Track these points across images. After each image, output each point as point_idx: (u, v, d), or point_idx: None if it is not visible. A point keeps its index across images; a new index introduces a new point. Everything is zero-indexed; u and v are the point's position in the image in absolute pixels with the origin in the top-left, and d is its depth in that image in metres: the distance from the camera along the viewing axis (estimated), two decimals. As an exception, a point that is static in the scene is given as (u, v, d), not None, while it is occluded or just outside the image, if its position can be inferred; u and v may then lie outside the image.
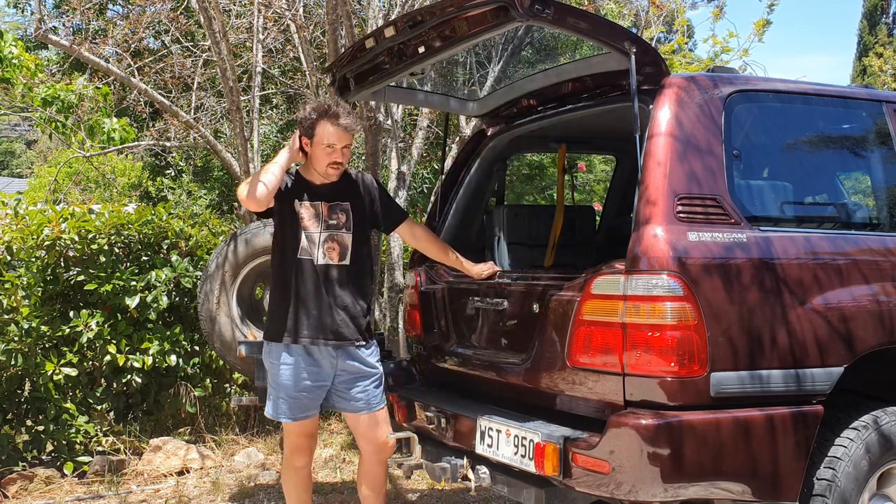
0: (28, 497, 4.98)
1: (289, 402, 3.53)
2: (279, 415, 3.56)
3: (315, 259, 3.50)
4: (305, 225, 3.50)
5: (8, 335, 5.20)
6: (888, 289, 3.16)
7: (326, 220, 3.54)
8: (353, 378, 3.57)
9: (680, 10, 8.32)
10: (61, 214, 5.56)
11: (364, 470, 3.72)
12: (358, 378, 3.58)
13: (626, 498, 2.77)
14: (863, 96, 3.59)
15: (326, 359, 3.52)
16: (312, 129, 3.46)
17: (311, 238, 3.50)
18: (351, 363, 3.56)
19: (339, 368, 3.55)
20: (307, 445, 3.68)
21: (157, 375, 5.65)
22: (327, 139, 3.45)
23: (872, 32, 23.47)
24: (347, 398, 3.59)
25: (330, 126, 3.44)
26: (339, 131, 3.46)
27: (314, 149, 3.49)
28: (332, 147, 3.47)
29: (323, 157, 3.49)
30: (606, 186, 7.25)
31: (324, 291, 3.49)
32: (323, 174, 3.54)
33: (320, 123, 3.45)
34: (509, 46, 4.26)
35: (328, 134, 3.45)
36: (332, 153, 3.48)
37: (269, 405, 3.60)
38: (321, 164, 3.51)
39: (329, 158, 3.48)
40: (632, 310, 2.82)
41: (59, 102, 6.42)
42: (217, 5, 5.76)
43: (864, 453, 3.01)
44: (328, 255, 3.52)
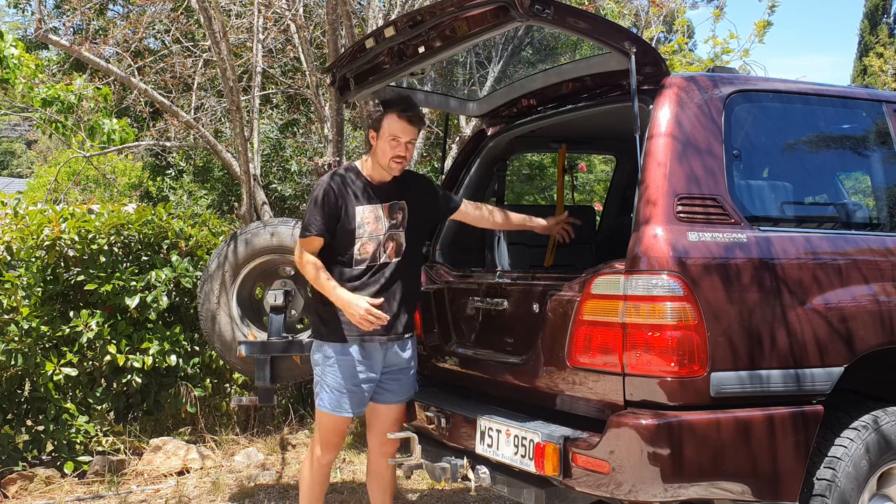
0: (28, 497, 4.98)
1: (346, 397, 3.55)
2: (336, 409, 3.56)
3: (378, 259, 3.57)
4: (370, 228, 3.55)
5: (8, 335, 5.20)
6: (888, 289, 3.16)
7: (388, 221, 3.60)
8: (397, 370, 3.67)
9: (680, 11, 8.32)
10: (61, 214, 5.57)
11: (373, 468, 3.81)
12: (401, 371, 3.68)
13: (626, 498, 2.77)
14: (863, 96, 3.59)
15: (378, 352, 3.59)
16: (379, 121, 3.51)
17: (374, 239, 3.56)
18: (396, 355, 3.65)
19: (385, 362, 3.63)
20: (339, 442, 3.74)
21: (157, 375, 5.65)
22: (393, 130, 3.49)
23: (873, 32, 23.47)
24: (392, 389, 3.68)
25: (396, 118, 3.48)
26: (404, 124, 3.49)
27: (379, 141, 3.53)
28: (396, 140, 3.50)
29: (388, 149, 3.51)
30: (606, 186, 7.25)
31: (380, 289, 3.56)
32: (386, 168, 3.57)
33: (387, 116, 3.49)
34: (509, 46, 4.26)
35: (394, 126, 3.49)
36: (397, 147, 3.51)
37: (326, 400, 3.57)
38: (385, 157, 3.53)
39: (393, 152, 3.51)
40: (632, 310, 2.82)
41: (59, 103, 6.42)
42: (217, 5, 5.76)
43: (864, 453, 3.01)
44: (387, 254, 3.60)
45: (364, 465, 5.50)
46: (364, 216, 3.54)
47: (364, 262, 3.55)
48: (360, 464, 5.53)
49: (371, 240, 3.55)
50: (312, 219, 3.53)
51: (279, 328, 4.50)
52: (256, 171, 6.82)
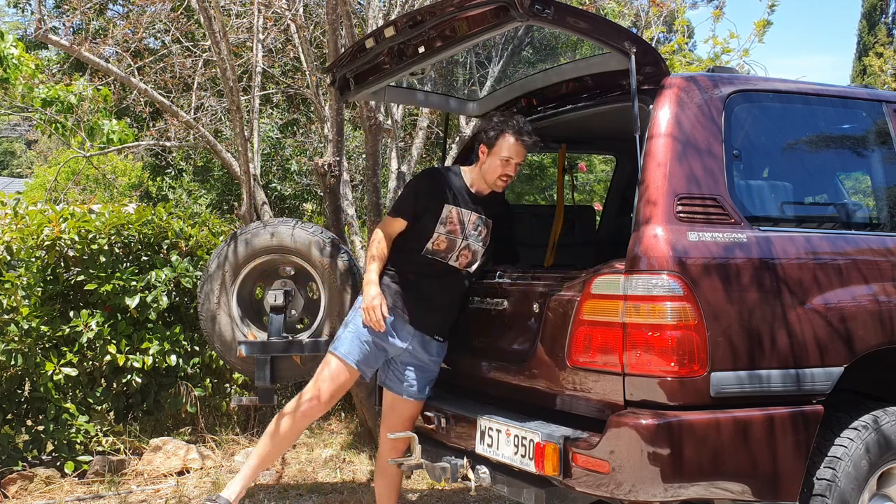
0: (28, 497, 4.98)
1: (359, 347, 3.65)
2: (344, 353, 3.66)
3: (447, 260, 3.66)
4: (450, 228, 3.64)
5: (8, 335, 5.20)
6: (888, 289, 3.16)
7: (471, 231, 3.68)
8: (418, 367, 3.74)
9: (680, 10, 8.32)
10: (61, 214, 5.56)
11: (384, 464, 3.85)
12: (421, 368, 3.75)
13: (626, 498, 2.77)
14: (863, 96, 3.59)
15: (404, 332, 3.68)
16: (495, 140, 3.58)
17: (452, 242, 3.65)
18: (420, 352, 3.72)
19: (408, 348, 3.69)
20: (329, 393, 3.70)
21: (157, 375, 5.65)
22: (507, 151, 3.57)
23: (872, 32, 23.46)
24: (397, 377, 3.75)
25: (512, 140, 3.56)
26: (519, 147, 3.58)
27: (490, 158, 3.61)
28: (508, 161, 3.58)
29: (497, 167, 3.60)
30: (606, 186, 7.25)
31: (431, 286, 3.67)
32: (491, 184, 3.67)
33: (504, 136, 3.57)
34: (509, 46, 4.26)
35: (508, 147, 3.57)
36: (506, 166, 3.60)
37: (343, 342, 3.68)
38: (492, 174, 3.62)
39: (502, 171, 3.61)
40: (632, 310, 2.82)
41: (58, 103, 6.42)
42: (217, 5, 5.75)
43: (864, 453, 3.01)
44: (459, 261, 3.68)
45: (364, 465, 5.50)
46: (449, 215, 3.64)
47: (432, 255, 3.65)
48: (360, 464, 5.53)
49: (447, 240, 3.64)
50: (404, 202, 3.70)
51: (279, 328, 4.49)
52: (256, 170, 6.82)
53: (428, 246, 3.64)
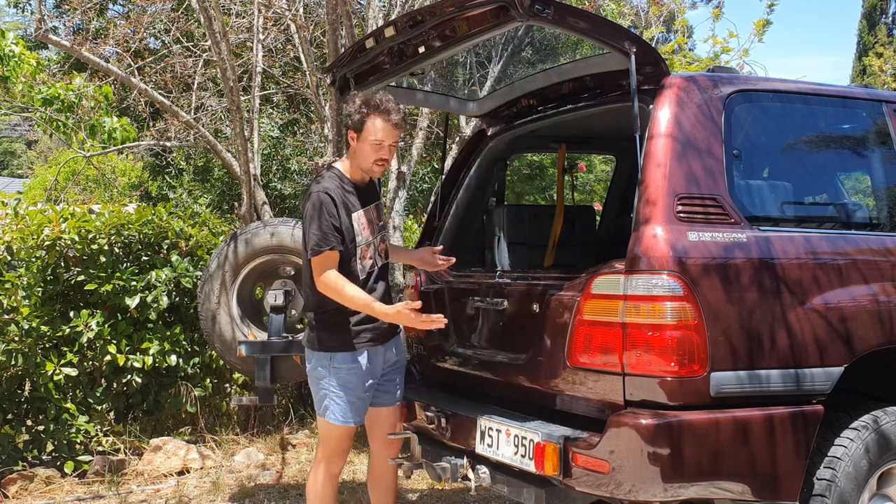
0: (28, 497, 4.98)
1: (356, 405, 3.47)
2: (347, 420, 3.45)
3: (376, 263, 3.54)
4: (366, 233, 3.49)
5: (8, 335, 5.20)
6: (888, 289, 3.16)
7: (377, 223, 3.56)
8: (394, 369, 3.66)
9: (680, 10, 8.32)
10: (61, 214, 5.57)
11: (378, 472, 3.76)
12: (396, 368, 3.68)
13: (626, 498, 2.77)
14: (863, 96, 3.59)
15: (379, 356, 3.55)
16: (362, 123, 3.39)
17: (371, 245, 3.51)
18: (392, 353, 3.64)
19: (385, 363, 3.60)
20: (348, 448, 3.62)
21: (157, 375, 5.65)
22: (375, 135, 3.38)
23: (872, 32, 23.45)
24: (388, 390, 3.65)
25: (380, 121, 3.38)
26: (389, 127, 3.39)
27: (361, 144, 3.42)
28: (380, 143, 3.40)
29: (370, 153, 3.41)
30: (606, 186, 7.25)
31: (383, 292, 3.55)
32: (368, 170, 3.48)
33: (370, 118, 3.37)
34: (509, 46, 4.26)
35: (377, 129, 3.38)
36: (380, 150, 3.41)
37: (336, 411, 3.45)
38: (367, 160, 3.43)
39: (376, 155, 3.42)
40: (632, 310, 2.82)
41: (59, 102, 6.41)
42: (217, 5, 5.75)
43: (864, 453, 3.01)
44: (381, 256, 3.58)
45: (364, 465, 5.49)
46: (361, 222, 3.47)
47: (365, 270, 3.49)
48: (361, 464, 5.53)
49: (368, 245, 3.50)
50: (326, 231, 3.32)
51: (279, 328, 4.50)
52: (256, 170, 6.82)
53: (358, 264, 3.46)
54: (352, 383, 3.46)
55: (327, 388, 3.47)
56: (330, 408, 3.47)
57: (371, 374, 3.52)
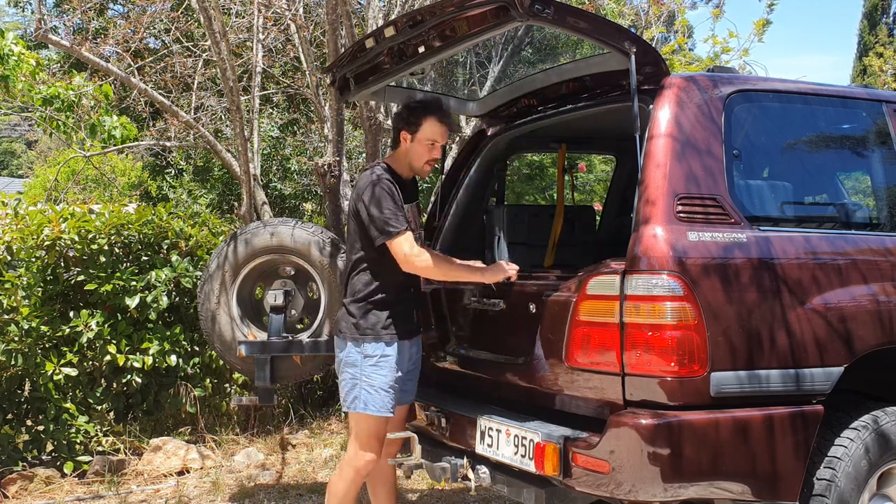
0: (28, 497, 4.98)
1: (388, 396, 3.44)
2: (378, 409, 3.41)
3: None
4: (413, 226, 3.50)
5: (8, 335, 5.20)
6: (888, 289, 3.16)
7: (417, 221, 3.61)
8: (414, 367, 3.66)
9: (681, 11, 8.32)
10: (61, 214, 5.57)
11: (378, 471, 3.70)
12: (416, 367, 3.68)
13: (626, 498, 2.77)
14: (863, 96, 3.59)
15: (406, 350, 3.55)
16: (418, 123, 3.43)
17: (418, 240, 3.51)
18: (415, 352, 3.65)
19: (409, 359, 3.60)
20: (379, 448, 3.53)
21: (157, 375, 5.65)
22: (432, 136, 3.44)
23: (873, 32, 23.46)
24: (407, 388, 3.63)
25: (437, 123, 3.44)
26: (444, 129, 3.46)
27: (415, 144, 3.46)
28: (434, 144, 3.46)
29: (424, 153, 3.47)
30: (606, 186, 7.25)
31: (412, 290, 3.58)
32: (419, 170, 3.54)
33: (428, 119, 3.43)
34: (509, 46, 4.26)
35: (433, 131, 3.44)
36: (433, 150, 3.47)
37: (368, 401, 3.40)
38: (420, 159, 3.48)
39: (429, 155, 3.48)
40: (632, 309, 2.82)
41: (59, 102, 6.41)
42: (217, 5, 5.76)
43: (864, 453, 3.01)
44: None
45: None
46: (409, 214, 3.52)
47: None
48: (360, 464, 5.53)
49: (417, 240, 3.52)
50: (396, 213, 3.33)
51: (279, 328, 4.49)
52: (256, 170, 6.82)
53: None
54: (388, 372, 3.44)
55: (361, 376, 3.43)
56: (362, 397, 3.42)
57: (401, 365, 3.52)
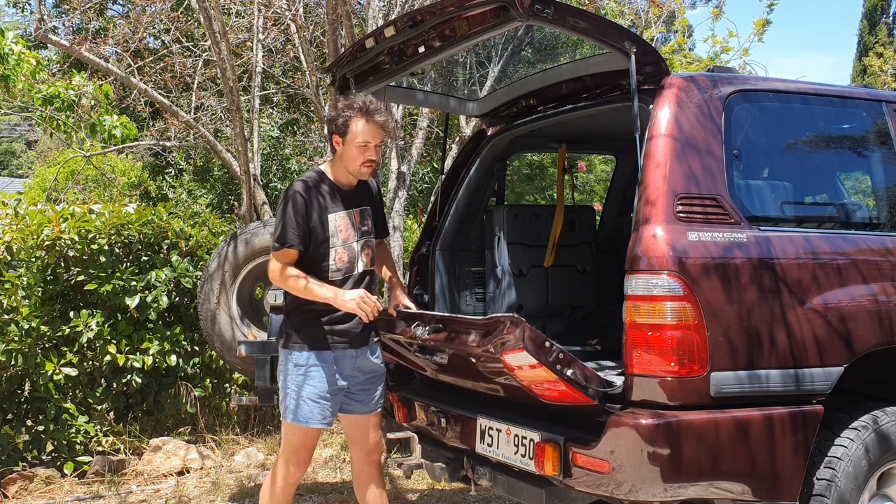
0: (28, 497, 4.98)
1: (318, 407, 3.40)
2: (307, 421, 3.40)
3: (356, 268, 3.47)
4: (344, 236, 3.44)
5: (8, 335, 5.20)
6: (888, 289, 3.16)
7: (360, 228, 3.51)
8: (369, 378, 3.56)
9: (680, 11, 8.33)
10: (61, 214, 5.56)
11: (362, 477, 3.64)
12: (373, 378, 3.58)
13: (626, 498, 2.77)
14: (863, 96, 3.59)
15: (348, 361, 3.48)
16: (346, 126, 3.37)
17: (350, 248, 3.46)
18: (368, 361, 3.54)
19: (356, 369, 3.51)
20: (308, 459, 3.56)
21: (157, 375, 5.65)
22: (362, 136, 3.37)
23: (872, 32, 23.48)
24: (362, 399, 3.56)
25: (364, 123, 3.37)
26: (374, 128, 3.38)
27: (347, 147, 3.40)
28: (366, 145, 3.39)
29: (357, 155, 3.40)
30: (606, 186, 7.26)
31: None
32: (356, 173, 3.47)
33: (354, 120, 3.37)
34: (509, 46, 4.26)
35: (362, 131, 3.37)
36: (366, 151, 3.40)
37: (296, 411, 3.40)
38: (355, 162, 3.42)
39: (363, 157, 3.41)
40: (632, 310, 2.82)
41: (59, 101, 6.41)
42: (217, 5, 5.76)
43: (864, 453, 3.01)
44: (365, 263, 3.51)
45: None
46: (337, 224, 3.43)
47: (341, 273, 3.44)
48: (360, 464, 5.53)
49: (346, 249, 3.45)
50: (288, 230, 3.34)
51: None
52: (256, 170, 6.82)
53: (332, 266, 3.42)
54: (319, 383, 3.40)
55: (292, 386, 3.43)
56: (289, 407, 3.43)
57: (341, 376, 3.45)
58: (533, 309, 4.41)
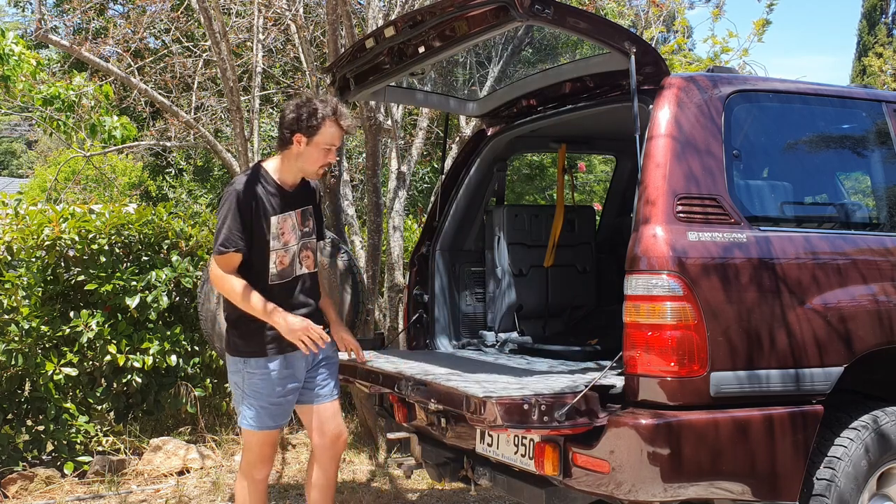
0: (28, 497, 4.98)
1: (270, 411, 3.37)
2: (262, 425, 3.38)
3: (295, 271, 3.39)
4: (285, 238, 3.35)
5: (8, 335, 5.20)
6: (887, 289, 3.17)
7: (301, 229, 3.42)
8: (321, 365, 3.49)
9: (680, 11, 8.33)
10: (61, 214, 5.56)
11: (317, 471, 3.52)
12: (325, 364, 3.50)
13: (625, 498, 2.77)
14: (862, 96, 3.59)
15: (300, 360, 3.41)
16: (317, 128, 3.27)
17: (289, 251, 3.37)
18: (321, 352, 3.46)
19: (310, 363, 3.46)
20: (271, 455, 3.53)
21: (157, 375, 5.65)
22: (331, 140, 3.30)
23: (872, 32, 23.49)
24: (314, 387, 3.48)
25: (335, 128, 3.30)
26: (341, 133, 3.33)
27: (310, 148, 3.30)
28: (330, 148, 3.33)
29: (320, 157, 3.33)
30: (606, 186, 7.26)
31: (299, 301, 3.40)
32: (312, 174, 3.41)
33: (326, 123, 3.27)
34: (509, 46, 4.26)
35: (332, 135, 3.30)
36: (329, 154, 3.34)
37: (250, 416, 3.38)
38: (315, 163, 3.34)
39: (325, 160, 3.34)
40: (632, 310, 2.83)
41: (59, 102, 6.41)
42: (217, 5, 5.76)
43: (864, 453, 3.02)
44: (304, 265, 3.43)
45: (364, 465, 5.50)
46: (279, 226, 3.33)
47: (281, 276, 3.36)
48: (361, 464, 5.53)
49: (287, 251, 3.36)
50: (230, 233, 3.23)
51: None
52: (256, 170, 6.81)
53: (272, 270, 3.33)
54: (265, 389, 3.34)
55: (242, 392, 3.39)
56: (244, 413, 3.39)
57: (290, 378, 3.39)
58: (533, 309, 4.42)
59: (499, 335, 4.27)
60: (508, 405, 2.65)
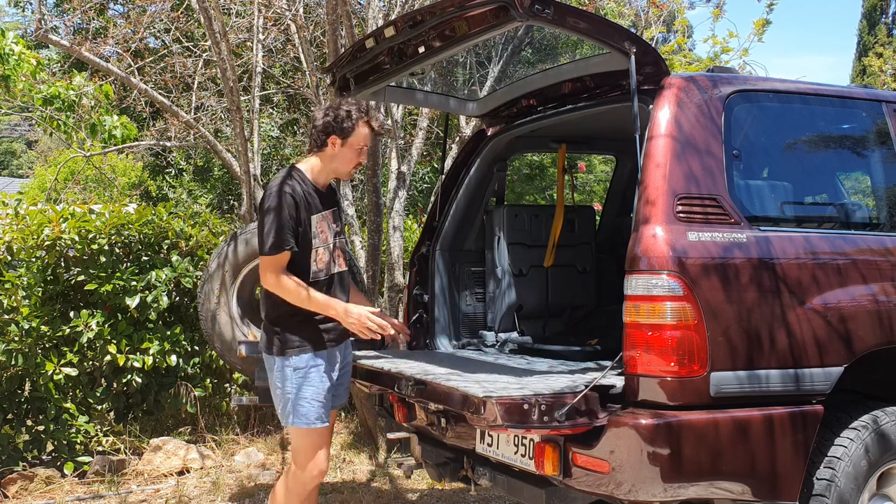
0: (28, 497, 4.99)
1: (323, 405, 3.37)
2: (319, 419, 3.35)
3: (332, 269, 3.46)
4: (323, 237, 3.43)
5: (8, 335, 5.20)
6: (887, 289, 3.17)
7: (334, 228, 3.51)
8: (344, 372, 3.56)
9: (680, 11, 8.33)
10: (61, 214, 5.57)
11: None
12: (346, 371, 3.58)
13: (625, 498, 2.77)
14: (862, 96, 3.59)
15: (337, 357, 3.49)
16: (351, 129, 3.37)
17: (326, 248, 3.44)
18: (345, 356, 3.55)
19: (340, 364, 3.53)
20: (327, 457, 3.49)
21: (157, 375, 5.66)
22: (364, 140, 3.42)
23: (872, 32, 23.50)
24: (337, 393, 3.54)
25: (367, 128, 3.41)
26: (372, 133, 3.45)
27: (345, 149, 3.41)
28: (363, 150, 3.45)
29: (353, 158, 3.43)
30: (606, 186, 7.25)
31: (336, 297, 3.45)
32: (344, 174, 3.53)
33: (361, 125, 3.39)
34: (509, 46, 4.26)
35: (365, 136, 3.41)
36: (361, 155, 3.46)
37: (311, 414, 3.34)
38: (348, 164, 3.45)
39: (357, 159, 3.45)
40: (632, 310, 2.83)
41: (59, 101, 6.41)
42: (217, 5, 5.76)
43: (864, 453, 3.02)
44: (338, 263, 3.51)
45: (364, 465, 5.50)
46: (318, 225, 3.41)
47: (320, 274, 3.42)
48: (361, 463, 5.53)
49: (325, 249, 3.43)
50: (282, 232, 3.26)
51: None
52: (256, 170, 6.82)
53: (313, 267, 3.39)
54: (320, 383, 3.38)
55: (295, 390, 3.36)
56: (299, 411, 3.35)
57: (333, 374, 3.45)
58: (533, 309, 4.42)
59: (499, 335, 4.27)
60: (508, 405, 2.65)
